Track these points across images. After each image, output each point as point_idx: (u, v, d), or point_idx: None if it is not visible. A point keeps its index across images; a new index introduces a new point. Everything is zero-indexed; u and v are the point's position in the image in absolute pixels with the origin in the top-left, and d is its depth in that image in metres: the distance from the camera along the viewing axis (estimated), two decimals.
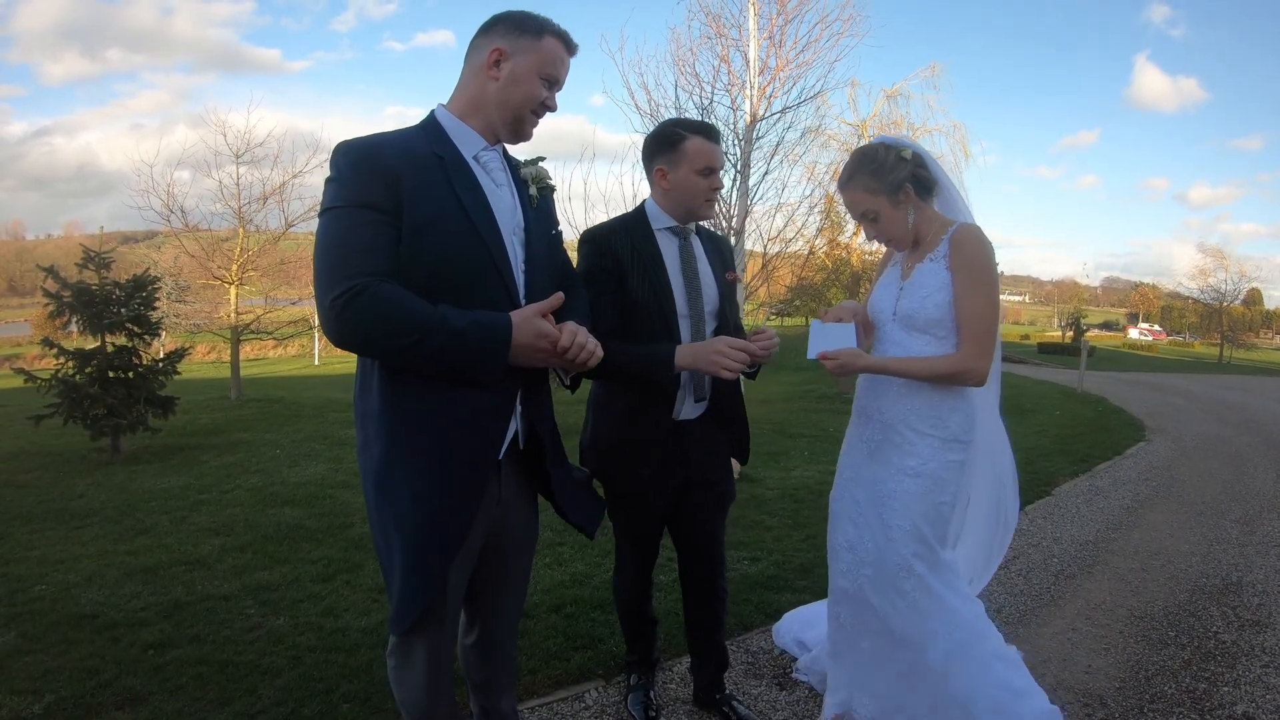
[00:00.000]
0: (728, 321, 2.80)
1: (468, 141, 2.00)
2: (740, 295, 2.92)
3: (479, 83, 2.00)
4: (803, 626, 3.48)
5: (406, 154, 1.89)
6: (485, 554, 2.10)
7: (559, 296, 1.98)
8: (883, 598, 2.70)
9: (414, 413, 1.90)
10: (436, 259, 1.87)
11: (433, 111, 2.05)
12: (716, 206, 2.93)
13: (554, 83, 2.05)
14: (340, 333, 1.80)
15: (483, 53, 1.99)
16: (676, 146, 2.64)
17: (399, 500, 1.91)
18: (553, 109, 2.09)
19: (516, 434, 2.08)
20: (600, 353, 2.00)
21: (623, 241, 2.68)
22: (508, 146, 2.14)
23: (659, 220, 2.73)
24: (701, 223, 2.88)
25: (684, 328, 2.68)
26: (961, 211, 2.74)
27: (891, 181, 2.62)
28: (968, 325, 2.57)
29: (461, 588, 2.07)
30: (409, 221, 1.84)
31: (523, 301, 1.99)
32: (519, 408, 2.06)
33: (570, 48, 2.06)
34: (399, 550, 1.92)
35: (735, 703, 3.04)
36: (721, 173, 2.79)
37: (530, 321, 1.89)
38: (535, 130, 2.11)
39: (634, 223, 2.74)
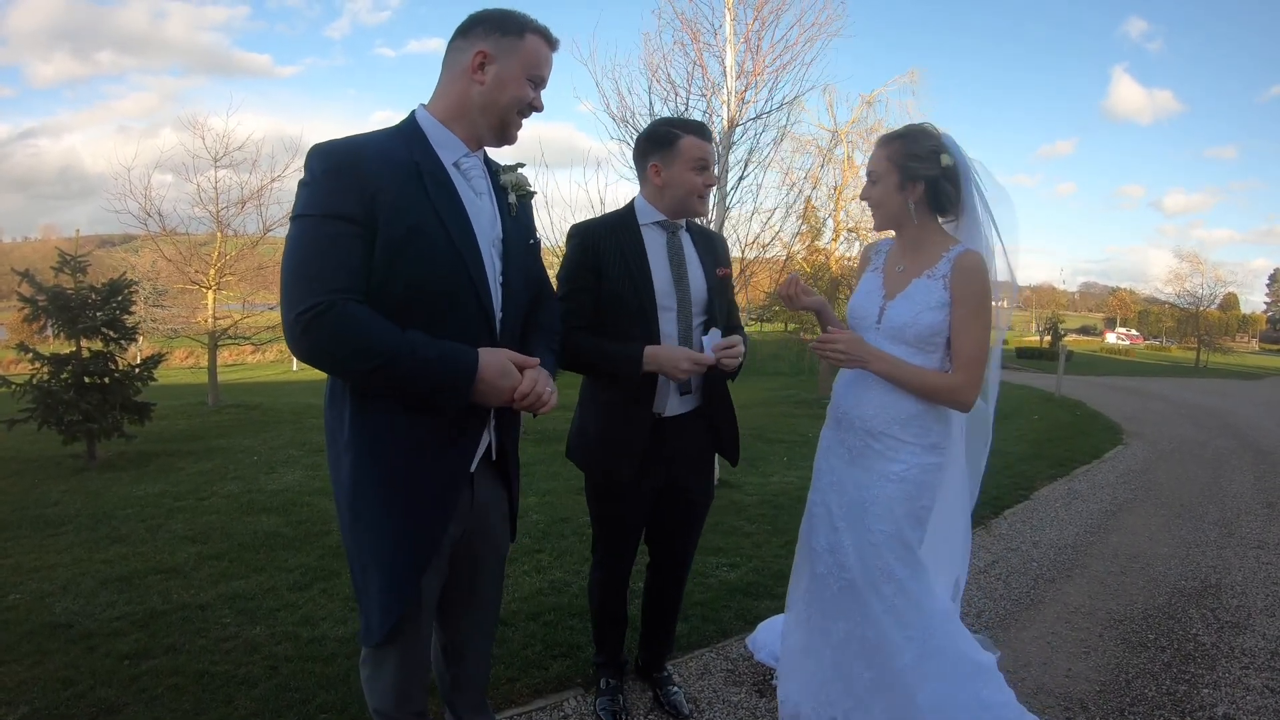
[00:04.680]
0: (716, 317, 2.81)
1: (449, 147, 1.94)
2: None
3: (462, 86, 1.94)
4: (777, 638, 3.46)
5: (385, 162, 1.81)
6: (455, 560, 2.08)
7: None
8: (860, 602, 2.69)
9: (385, 426, 1.87)
10: (412, 273, 1.82)
11: (413, 113, 1.98)
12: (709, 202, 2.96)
13: (540, 83, 2.01)
14: (303, 350, 1.75)
15: (465, 55, 1.93)
16: (672, 144, 2.69)
17: (371, 513, 1.89)
18: (539, 109, 2.04)
19: (490, 446, 2.07)
20: (554, 402, 1.95)
21: (605, 236, 2.72)
22: (490, 150, 2.10)
23: (647, 215, 2.76)
24: (693, 219, 2.91)
25: (666, 321, 2.70)
26: (979, 240, 2.67)
27: (911, 169, 2.58)
28: (964, 354, 2.55)
29: (435, 597, 2.05)
30: (385, 234, 1.78)
31: (498, 316, 1.96)
32: (493, 421, 2.05)
33: (551, 43, 2.02)
34: (372, 562, 1.90)
35: (671, 688, 3.15)
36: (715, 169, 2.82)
37: (498, 364, 1.85)
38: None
39: (621, 219, 2.78)
